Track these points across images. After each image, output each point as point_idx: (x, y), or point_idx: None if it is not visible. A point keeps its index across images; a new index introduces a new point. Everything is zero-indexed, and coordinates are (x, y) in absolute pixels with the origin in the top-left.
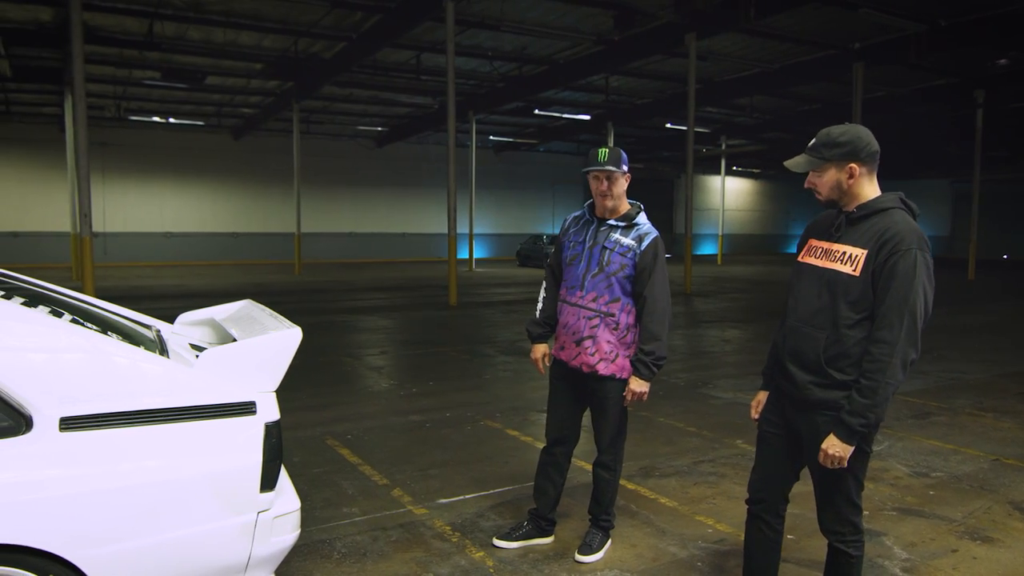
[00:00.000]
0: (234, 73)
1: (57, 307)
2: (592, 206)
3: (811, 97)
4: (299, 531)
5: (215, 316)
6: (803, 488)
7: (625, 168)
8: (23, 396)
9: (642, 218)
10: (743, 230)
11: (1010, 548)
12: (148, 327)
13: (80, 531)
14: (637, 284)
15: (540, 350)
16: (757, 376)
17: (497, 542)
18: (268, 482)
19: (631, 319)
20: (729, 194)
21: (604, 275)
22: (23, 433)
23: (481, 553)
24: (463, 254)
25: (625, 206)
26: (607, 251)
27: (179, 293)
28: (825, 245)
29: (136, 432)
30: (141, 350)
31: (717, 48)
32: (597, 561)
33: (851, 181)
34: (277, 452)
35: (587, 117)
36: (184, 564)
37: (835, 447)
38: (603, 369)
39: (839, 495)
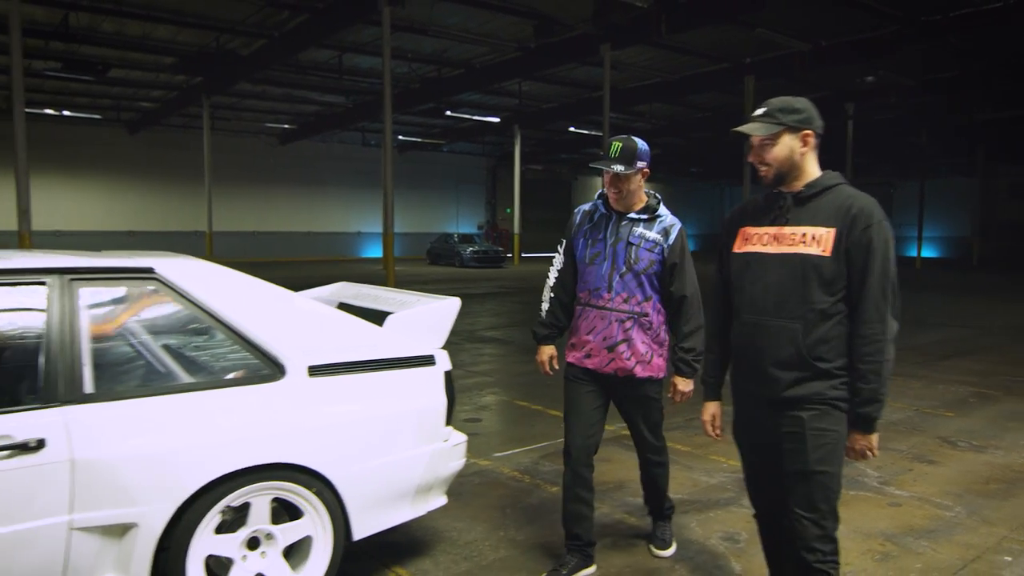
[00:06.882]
0: (142, 66)
1: None
2: (606, 198)
3: (703, 106)
4: (466, 458)
5: (319, 297)
6: None
7: (640, 164)
8: (277, 349)
9: (663, 209)
10: None
11: (948, 466)
12: None
13: (331, 453)
14: (667, 280)
15: (547, 352)
16: None
17: None
18: (449, 417)
19: (662, 316)
20: None
21: (633, 274)
22: (279, 379)
23: (555, 488)
24: (376, 253)
25: (643, 198)
26: (633, 247)
27: None
28: (772, 231)
29: (362, 377)
30: (349, 315)
31: (625, 58)
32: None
33: (804, 151)
34: (453, 394)
35: (496, 119)
36: (401, 481)
37: (861, 442)
38: (640, 372)
39: (826, 505)
